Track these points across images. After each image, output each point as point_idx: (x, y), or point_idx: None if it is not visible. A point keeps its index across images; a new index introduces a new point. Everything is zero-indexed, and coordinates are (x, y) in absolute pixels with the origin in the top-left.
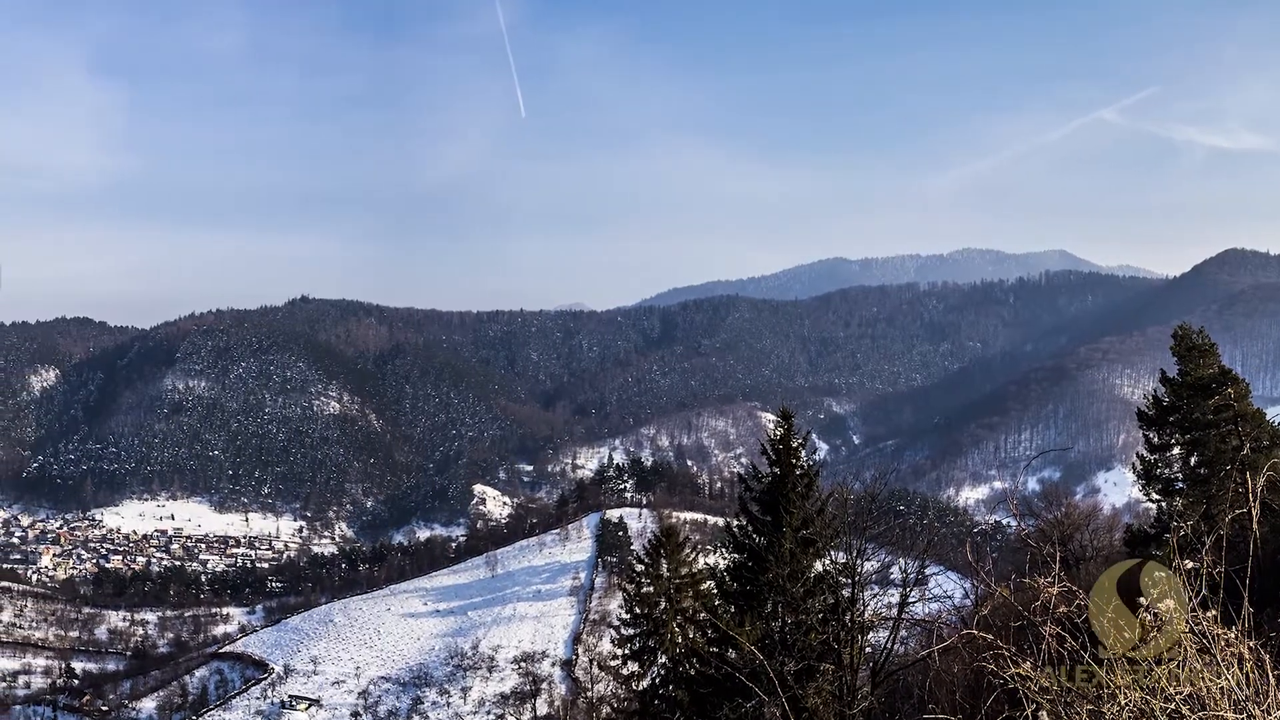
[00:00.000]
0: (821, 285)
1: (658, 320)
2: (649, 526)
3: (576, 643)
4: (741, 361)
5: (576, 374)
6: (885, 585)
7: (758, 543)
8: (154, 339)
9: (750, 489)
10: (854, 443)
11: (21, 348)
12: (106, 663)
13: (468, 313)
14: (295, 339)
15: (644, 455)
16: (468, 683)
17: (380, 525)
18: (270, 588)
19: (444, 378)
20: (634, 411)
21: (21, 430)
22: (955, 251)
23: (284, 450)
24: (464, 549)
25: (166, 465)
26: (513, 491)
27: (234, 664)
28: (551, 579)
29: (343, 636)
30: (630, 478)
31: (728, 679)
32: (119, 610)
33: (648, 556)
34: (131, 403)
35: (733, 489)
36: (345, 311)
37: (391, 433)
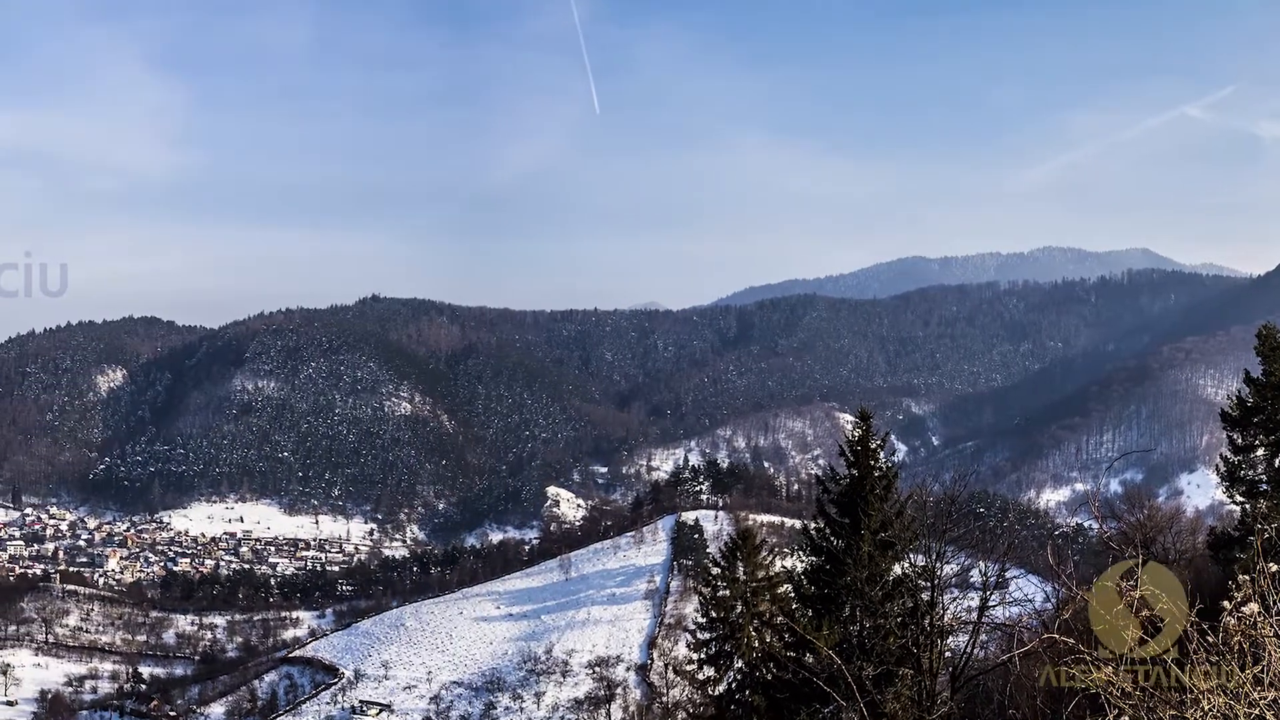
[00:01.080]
0: (900, 284)
1: (734, 319)
2: (725, 529)
3: (651, 647)
4: (819, 361)
5: (651, 374)
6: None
7: (835, 545)
8: (222, 339)
9: (828, 491)
10: (933, 444)
11: (88, 348)
12: (174, 667)
13: (541, 312)
14: (366, 339)
15: (720, 457)
16: (541, 687)
17: (452, 528)
18: (340, 591)
19: (517, 378)
20: (710, 412)
21: (88, 431)
22: (1036, 250)
23: (355, 452)
24: (537, 552)
25: (235, 467)
26: (587, 494)
27: (304, 669)
28: (626, 582)
29: (414, 640)
30: (706, 479)
31: (805, 684)
32: (187, 614)
33: (724, 559)
34: (200, 403)
35: (810, 491)
36: (417, 311)
37: (464, 434)
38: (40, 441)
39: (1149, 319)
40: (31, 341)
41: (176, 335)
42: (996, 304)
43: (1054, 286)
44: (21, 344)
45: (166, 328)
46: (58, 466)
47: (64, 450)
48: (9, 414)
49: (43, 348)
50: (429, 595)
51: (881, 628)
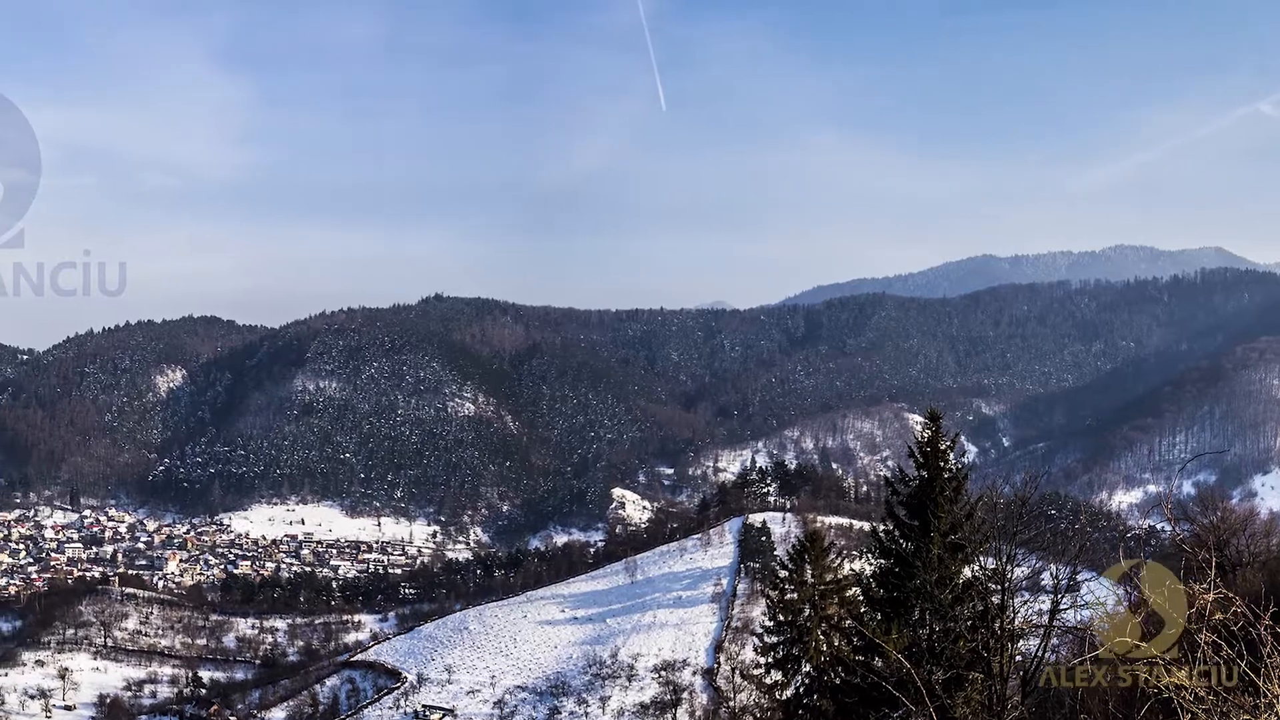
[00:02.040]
0: (970, 283)
1: (802, 319)
2: (793, 531)
3: (718, 651)
4: (888, 361)
5: (718, 374)
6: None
7: (904, 548)
8: (283, 338)
9: (897, 493)
10: (1003, 445)
11: (147, 348)
12: (234, 671)
13: (606, 311)
14: (429, 338)
15: (787, 458)
16: (606, 692)
17: (516, 530)
18: (403, 594)
19: (582, 378)
20: (777, 413)
21: (148, 432)
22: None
23: (417, 453)
24: (602, 554)
25: (296, 468)
26: (653, 495)
27: (366, 673)
28: (692, 585)
29: (478, 644)
30: (773, 481)
31: (873, 688)
32: (247, 617)
33: (791, 562)
34: (260, 404)
35: (879, 493)
36: (480, 310)
37: (528, 435)
38: (99, 442)
39: (1222, 318)
40: (90, 341)
41: (237, 335)
42: (1068, 303)
43: (1126, 286)
44: (80, 344)
45: (226, 327)
46: (116, 468)
47: (123, 451)
48: (67, 415)
49: (101, 347)
50: (493, 598)
51: (951, 631)
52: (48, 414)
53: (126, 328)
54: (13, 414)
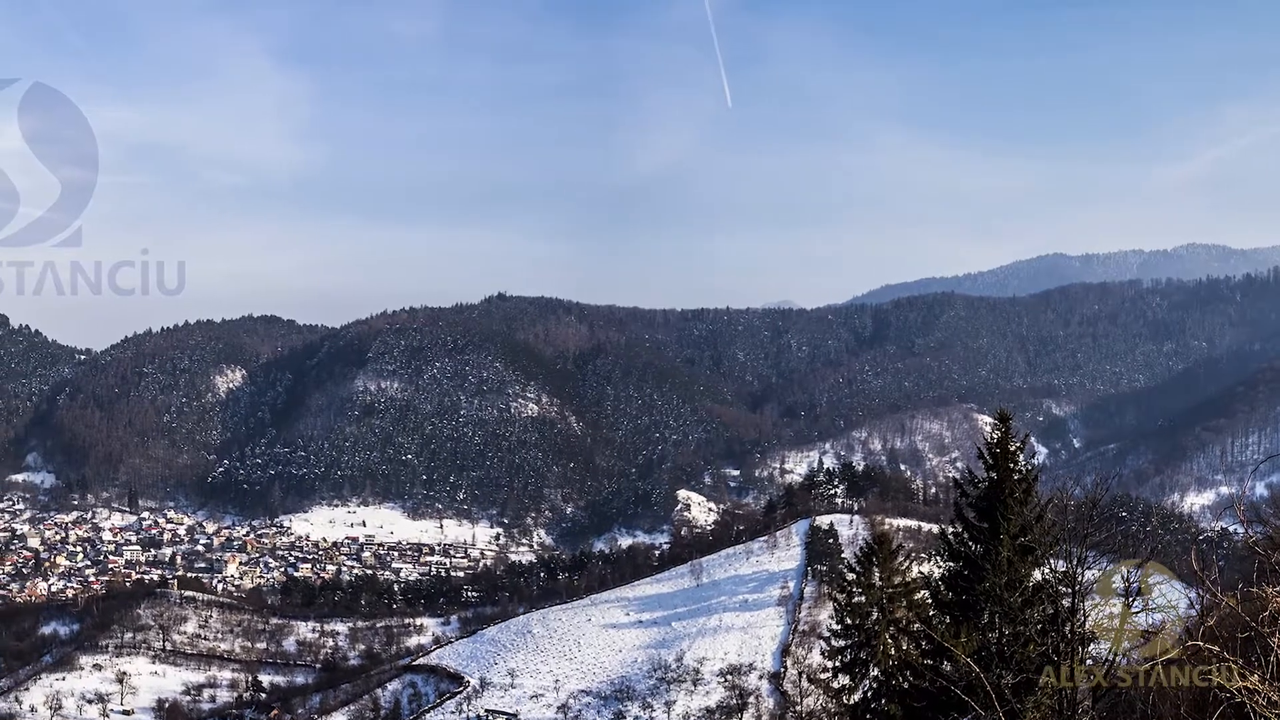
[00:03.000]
0: (1040, 282)
1: (869, 318)
2: (860, 534)
3: (785, 655)
4: (957, 361)
5: (785, 374)
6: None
7: (974, 550)
8: (344, 338)
9: (966, 494)
10: (1074, 446)
11: (207, 347)
12: (295, 675)
13: (671, 311)
14: (492, 338)
15: (855, 459)
16: (671, 696)
17: (580, 532)
18: (466, 597)
19: (647, 379)
20: (845, 414)
21: (207, 433)
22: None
23: (480, 454)
24: (667, 557)
25: (357, 470)
26: (718, 497)
27: (428, 677)
28: (759, 588)
29: (541, 648)
30: (841, 483)
31: (942, 692)
32: (308, 621)
33: (859, 565)
34: (321, 404)
35: (948, 495)
36: (544, 309)
37: (592, 436)
38: (157, 443)
39: None
40: (149, 341)
41: (297, 335)
42: (1139, 302)
43: (1198, 285)
44: (138, 343)
45: (287, 327)
46: (175, 469)
47: (182, 452)
48: (125, 415)
49: (160, 347)
50: (556, 601)
51: (1021, 635)
52: (106, 415)
53: (185, 327)
54: (70, 415)
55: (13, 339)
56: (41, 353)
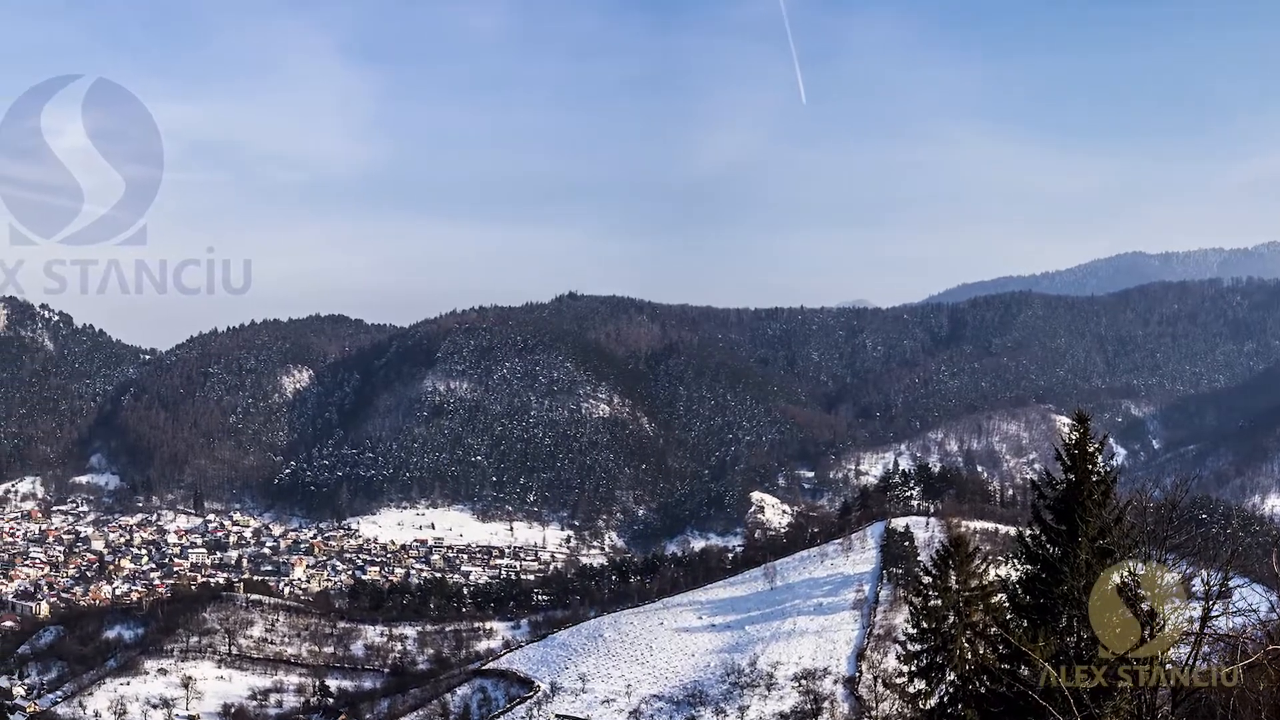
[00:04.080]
0: (1119, 280)
1: (945, 318)
2: (936, 536)
3: (860, 659)
4: (1034, 361)
5: (860, 374)
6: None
7: (1051, 553)
8: (413, 338)
9: (1043, 496)
10: (1153, 447)
11: (273, 347)
12: (363, 680)
13: (745, 310)
14: (562, 338)
15: (931, 460)
16: (745, 701)
17: (652, 535)
18: (536, 600)
19: (720, 379)
20: (920, 414)
21: (273, 434)
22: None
23: (551, 455)
24: (741, 560)
25: (426, 471)
26: (792, 499)
27: (498, 681)
28: (833, 591)
29: (613, 652)
30: (916, 484)
31: (1020, 697)
32: (376, 624)
33: (935, 568)
34: (389, 405)
35: (1025, 497)
36: (615, 309)
37: (664, 437)
38: (223, 445)
39: None
40: (214, 341)
41: (365, 334)
42: (1219, 301)
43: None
44: (204, 343)
45: (354, 326)
46: (241, 471)
47: (248, 454)
48: (190, 416)
49: (226, 347)
50: (628, 605)
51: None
52: (171, 415)
53: (251, 327)
54: (135, 415)
55: (76, 339)
56: (105, 353)
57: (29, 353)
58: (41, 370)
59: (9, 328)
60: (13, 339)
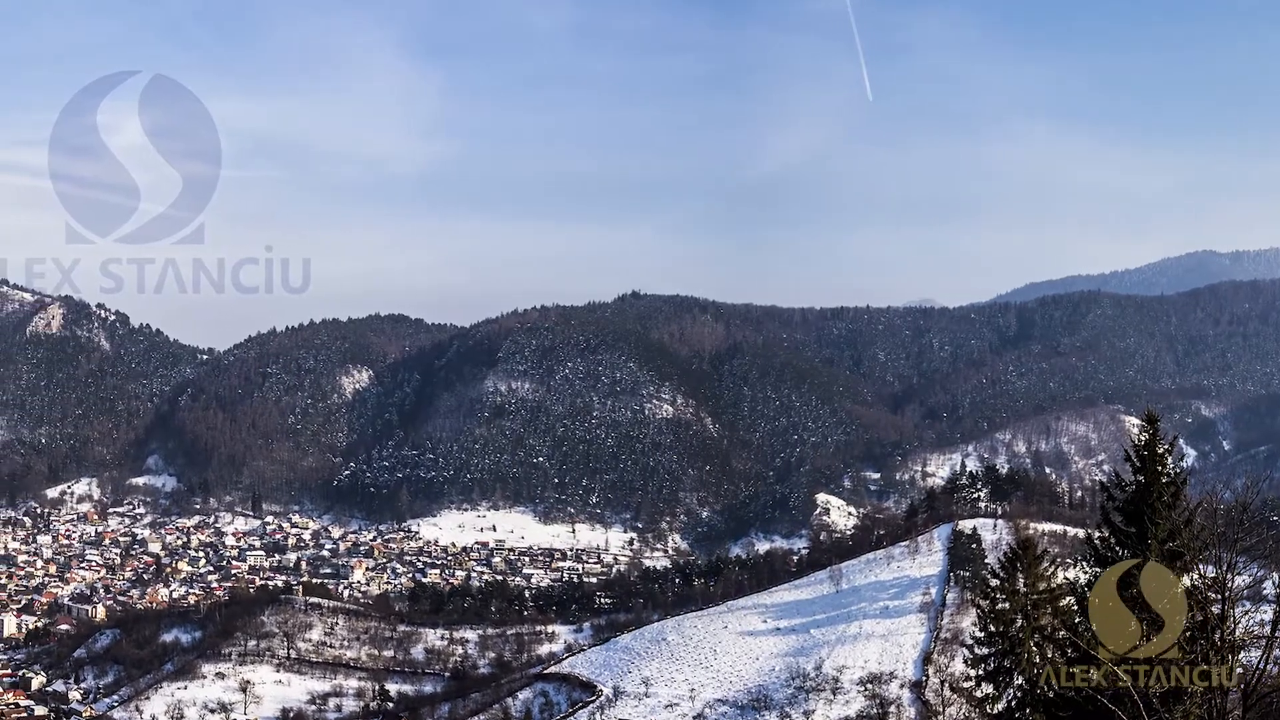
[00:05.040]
0: (1189, 280)
1: (1013, 317)
2: (1004, 538)
3: (926, 663)
4: (1103, 362)
5: (926, 375)
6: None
7: (1120, 556)
8: (474, 337)
9: (1112, 498)
10: (1224, 449)
11: (332, 347)
12: (423, 684)
13: (810, 309)
14: (625, 337)
15: (999, 462)
16: (810, 705)
17: (716, 537)
18: (598, 604)
19: (785, 379)
20: (988, 415)
21: (332, 435)
22: None
23: (613, 457)
24: (806, 562)
25: (487, 473)
26: (858, 501)
27: (560, 685)
28: (900, 595)
29: (676, 656)
30: (984, 486)
31: (1088, 701)
32: (436, 628)
33: (1003, 570)
34: (450, 405)
35: (1094, 498)
36: (678, 308)
37: (728, 438)
38: (281, 446)
39: None
40: (273, 340)
41: (425, 334)
42: None
43: None
44: (262, 343)
45: (415, 326)
46: (300, 472)
47: (307, 455)
48: (249, 417)
49: (284, 347)
50: (692, 608)
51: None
52: (228, 416)
53: (310, 326)
54: (192, 416)
55: (133, 338)
56: (163, 353)
57: (85, 353)
58: (98, 370)
59: (65, 327)
60: (69, 339)
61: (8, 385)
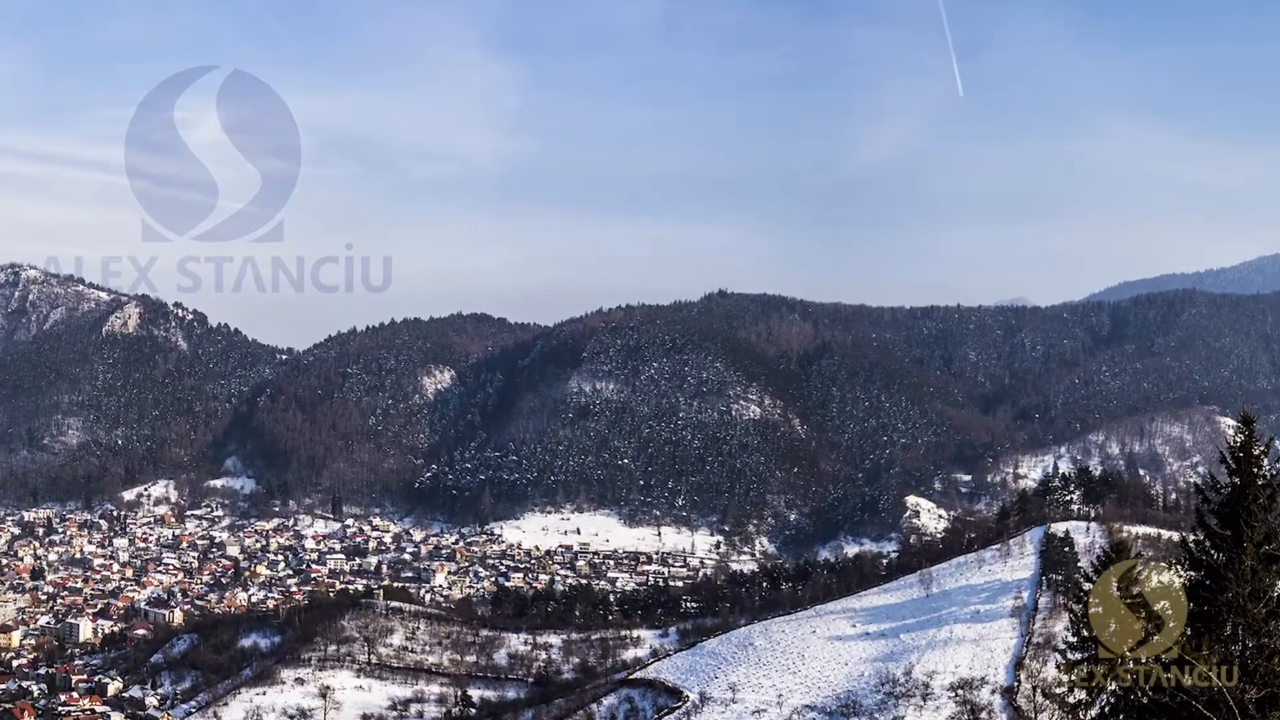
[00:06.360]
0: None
1: (1107, 316)
2: (1097, 542)
3: (1018, 668)
4: (1198, 362)
5: (1018, 375)
6: None
7: (1215, 559)
8: (558, 337)
9: (1207, 501)
10: None
11: (414, 347)
12: (506, 690)
13: (900, 308)
14: (712, 337)
15: (1091, 463)
16: (900, 711)
17: (804, 540)
18: (684, 608)
19: (874, 379)
20: (1081, 416)
21: (414, 436)
22: None
23: (699, 458)
24: (895, 566)
25: (571, 475)
26: (948, 503)
27: (645, 691)
28: (991, 599)
29: (763, 661)
30: (1076, 488)
31: (1183, 708)
32: (519, 633)
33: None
34: (533, 406)
35: (1188, 501)
36: (766, 307)
37: (816, 439)
38: (362, 447)
39: None
40: (353, 340)
41: (508, 333)
42: None
43: None
44: (342, 343)
45: (497, 325)
46: (380, 474)
47: (387, 457)
48: (329, 418)
49: (365, 347)
50: (779, 612)
51: (1266, 647)
52: (308, 418)
53: (391, 326)
54: (271, 417)
55: (211, 338)
56: (241, 352)
57: (162, 353)
58: (175, 371)
59: (142, 327)
60: (145, 339)
61: (84, 386)
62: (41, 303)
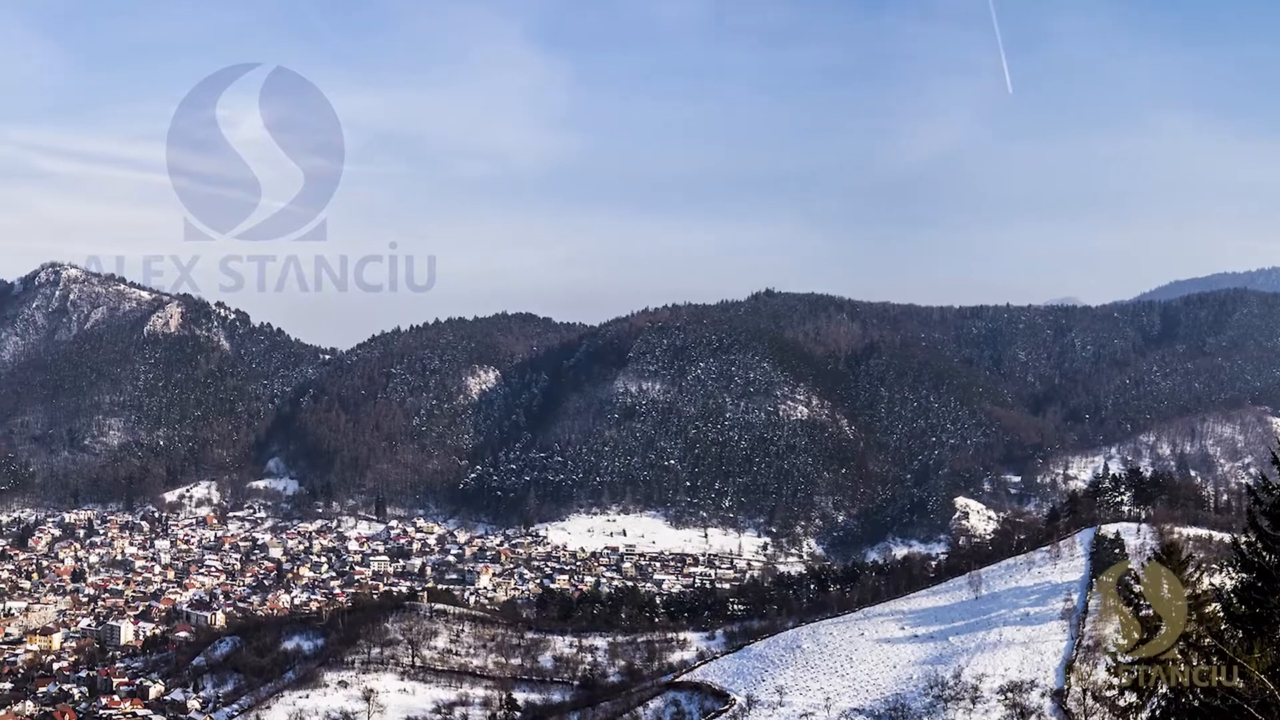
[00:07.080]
0: None
1: (1157, 316)
2: (1148, 543)
3: (1068, 671)
4: (1250, 362)
5: (1068, 375)
6: None
7: (1268, 561)
8: (603, 337)
9: (1259, 502)
10: None
11: (458, 347)
12: (551, 693)
13: (949, 308)
14: (759, 337)
15: (1142, 464)
16: (949, 714)
17: (852, 542)
18: (731, 610)
19: (922, 379)
20: (1131, 417)
21: (458, 437)
22: None
23: (746, 459)
24: (944, 568)
25: (617, 476)
26: (998, 505)
27: (691, 694)
28: (1040, 601)
29: (811, 664)
30: (1127, 489)
31: (1235, 711)
32: (564, 635)
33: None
34: (579, 407)
35: (1240, 502)
36: (814, 306)
37: (864, 440)
38: (405, 448)
39: None
40: (397, 340)
41: (553, 333)
42: None
43: None
44: (386, 342)
45: (542, 325)
46: (424, 475)
47: (432, 458)
48: (372, 418)
49: (409, 346)
50: (827, 615)
51: None
52: (351, 418)
53: (436, 325)
54: (314, 417)
55: (253, 338)
56: (284, 352)
57: (204, 352)
58: (217, 371)
59: (183, 326)
60: (188, 338)
61: (125, 386)
62: (82, 302)
